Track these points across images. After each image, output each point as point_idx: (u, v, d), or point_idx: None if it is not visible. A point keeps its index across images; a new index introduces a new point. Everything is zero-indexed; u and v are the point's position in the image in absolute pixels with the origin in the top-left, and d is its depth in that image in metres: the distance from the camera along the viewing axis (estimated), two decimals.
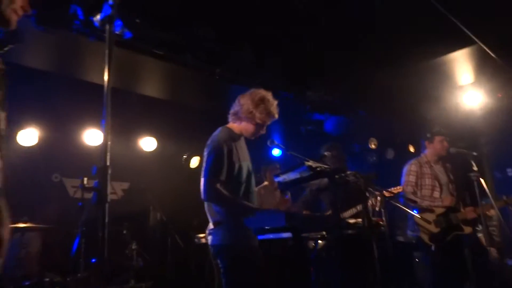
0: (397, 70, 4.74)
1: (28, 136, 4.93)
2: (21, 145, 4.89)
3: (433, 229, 3.91)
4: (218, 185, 2.58)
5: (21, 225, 3.93)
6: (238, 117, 2.79)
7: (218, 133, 2.76)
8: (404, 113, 5.75)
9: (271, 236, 2.95)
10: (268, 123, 2.80)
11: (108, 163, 1.49)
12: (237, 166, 2.68)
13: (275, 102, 2.78)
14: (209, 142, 2.75)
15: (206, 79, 4.46)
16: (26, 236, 4.13)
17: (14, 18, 1.60)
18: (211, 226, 2.71)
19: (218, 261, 2.66)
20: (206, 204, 2.73)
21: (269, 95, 2.77)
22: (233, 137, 2.78)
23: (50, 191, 5.23)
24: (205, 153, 2.73)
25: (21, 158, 4.69)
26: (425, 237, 3.92)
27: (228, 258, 2.62)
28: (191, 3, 3.55)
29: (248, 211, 2.61)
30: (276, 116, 2.79)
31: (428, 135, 4.25)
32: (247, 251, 2.60)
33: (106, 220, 1.44)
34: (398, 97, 5.27)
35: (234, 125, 2.84)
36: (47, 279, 3.90)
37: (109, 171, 1.48)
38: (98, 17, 1.78)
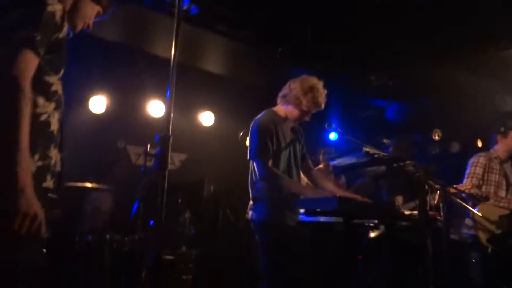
0: (468, 60, 4.44)
1: (98, 104, 5.24)
2: (91, 112, 5.23)
3: (494, 229, 3.67)
4: (270, 163, 2.64)
5: (88, 184, 4.24)
6: (286, 100, 2.87)
7: (262, 115, 2.86)
8: (474, 104, 5.38)
9: (321, 219, 2.95)
10: (313, 111, 2.86)
11: (170, 133, 1.56)
12: (279, 147, 2.76)
13: (324, 92, 2.82)
14: (252, 123, 2.84)
15: (267, 58, 4.47)
16: (93, 195, 4.46)
17: (79, 27, 1.76)
18: (251, 201, 2.83)
19: (256, 236, 2.78)
20: (249, 180, 2.84)
21: (319, 84, 2.82)
22: (276, 119, 2.85)
23: (115, 156, 5.56)
24: (250, 134, 2.82)
25: (90, 124, 5.02)
26: (483, 238, 3.69)
27: (262, 234, 2.75)
28: None
29: (297, 191, 2.66)
30: (323, 106, 2.84)
31: (502, 129, 3.94)
32: (281, 230, 2.68)
33: (166, 186, 1.53)
34: (467, 87, 4.94)
35: (280, 108, 2.92)
36: (108, 236, 4.19)
37: (171, 140, 1.55)
38: None
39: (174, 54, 1.72)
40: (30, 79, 1.39)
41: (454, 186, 3.42)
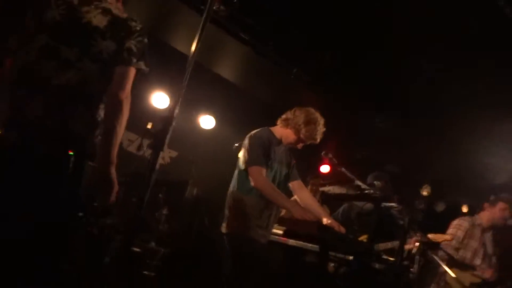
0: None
1: None
2: None
3: None
4: (264, 172, 2.67)
5: None
6: (286, 124, 2.97)
7: (259, 130, 2.95)
8: (469, 173, 5.44)
9: (298, 242, 2.93)
10: (308, 143, 2.97)
11: (174, 116, 1.56)
12: (270, 165, 2.85)
13: (323, 129, 2.96)
14: (249, 136, 2.92)
15: (281, 76, 4.51)
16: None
17: None
18: (226, 213, 2.88)
19: (226, 246, 2.82)
20: (230, 192, 2.90)
21: (322, 120, 2.96)
22: (272, 139, 2.93)
23: None
24: (246, 146, 2.88)
25: None
26: None
27: (230, 245, 2.79)
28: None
29: (286, 206, 2.72)
30: (318, 140, 2.96)
31: (492, 197, 3.98)
32: (249, 244, 2.72)
33: (157, 164, 1.51)
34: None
35: (278, 129, 3.01)
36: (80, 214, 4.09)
37: (172, 126, 1.55)
38: None
39: (194, 52, 1.73)
40: None
41: (433, 235, 3.42)
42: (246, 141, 2.92)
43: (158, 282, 4.43)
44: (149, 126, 1.84)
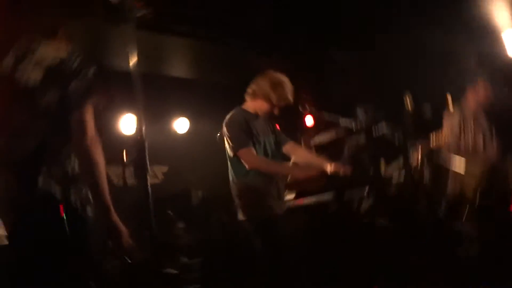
0: None
1: None
2: None
3: (477, 184, 3.71)
4: (254, 152, 2.66)
5: None
6: (254, 96, 2.91)
7: (232, 114, 2.91)
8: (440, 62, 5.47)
9: (313, 199, 2.97)
10: (282, 106, 2.90)
11: (144, 137, 1.52)
12: (255, 142, 2.82)
13: (292, 88, 2.89)
14: (224, 123, 2.89)
15: (232, 54, 4.43)
16: None
17: None
18: (236, 201, 2.88)
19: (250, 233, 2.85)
20: (231, 182, 2.90)
21: (287, 80, 2.89)
22: (247, 116, 2.89)
23: None
24: (226, 133, 2.86)
25: None
26: (469, 190, 3.74)
27: (253, 230, 2.81)
28: None
29: (286, 173, 2.68)
30: (291, 101, 2.89)
31: (471, 80, 4.01)
32: (269, 223, 2.74)
33: (150, 192, 1.49)
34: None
35: (249, 104, 2.97)
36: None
37: (146, 145, 1.51)
38: None
39: (135, 66, 1.69)
40: None
41: (433, 138, 3.43)
42: (224, 129, 2.90)
43: None
44: (124, 155, 1.79)
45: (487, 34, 5.02)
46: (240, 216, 2.87)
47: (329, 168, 2.73)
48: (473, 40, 5.08)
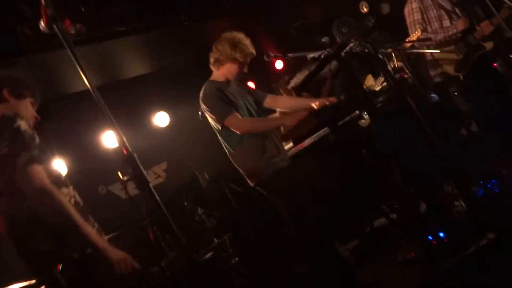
0: None
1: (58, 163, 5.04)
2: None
3: (455, 58, 3.76)
4: (239, 116, 2.66)
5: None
6: (220, 63, 2.90)
7: (204, 89, 2.90)
8: None
9: (312, 139, 2.99)
10: (248, 61, 2.91)
11: (130, 150, 1.51)
12: (236, 107, 2.83)
13: (249, 40, 2.90)
14: (201, 99, 2.89)
15: (177, 32, 4.31)
16: None
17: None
18: (241, 172, 2.92)
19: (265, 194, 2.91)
20: (227, 152, 2.92)
21: (242, 35, 2.89)
22: (219, 85, 2.89)
23: (104, 202, 5.45)
24: (205, 109, 2.86)
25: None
26: (450, 70, 3.78)
27: (266, 191, 2.87)
28: None
29: (277, 125, 2.71)
30: (254, 53, 2.90)
31: None
32: (279, 179, 2.78)
33: (157, 198, 1.50)
34: None
35: (217, 74, 2.96)
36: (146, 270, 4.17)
37: (135, 156, 1.51)
38: (42, 23, 1.70)
39: (89, 82, 1.65)
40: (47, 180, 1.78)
41: (405, 40, 3.44)
42: (203, 106, 2.89)
43: (250, 262, 4.60)
44: (120, 176, 1.77)
45: None
46: (251, 184, 2.90)
47: (315, 104, 2.73)
48: None
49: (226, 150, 2.95)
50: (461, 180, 2.82)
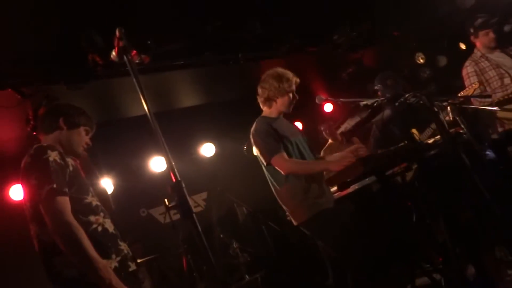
0: None
1: (105, 182, 5.25)
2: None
3: None
4: (286, 156, 2.68)
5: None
6: (270, 100, 2.97)
7: (255, 124, 2.96)
8: (440, 13, 5.35)
9: (356, 186, 2.93)
10: (295, 89, 2.97)
11: (178, 178, 1.56)
12: (287, 143, 2.84)
13: (294, 76, 2.98)
14: (251, 135, 2.95)
15: (232, 69, 4.49)
16: (140, 270, 4.46)
17: (80, 151, 2.19)
18: (285, 209, 2.90)
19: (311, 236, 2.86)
20: (273, 189, 2.92)
21: (280, 68, 2.99)
22: (270, 122, 2.93)
23: (144, 224, 5.57)
24: (254, 145, 2.91)
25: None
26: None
27: (313, 232, 2.82)
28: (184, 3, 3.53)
29: (322, 169, 2.76)
30: (298, 81, 2.97)
31: (472, 30, 3.92)
32: (325, 219, 2.73)
33: (199, 228, 1.52)
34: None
35: (268, 110, 3.02)
36: None
37: (183, 184, 1.55)
38: (114, 53, 1.84)
39: (148, 107, 1.73)
40: (70, 212, 1.86)
41: (460, 93, 3.36)
42: (252, 140, 2.94)
43: None
44: (166, 202, 1.80)
45: None
46: (294, 222, 2.86)
47: (362, 151, 2.70)
48: None
49: (272, 187, 2.95)
50: None
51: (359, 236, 2.72)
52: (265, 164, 2.87)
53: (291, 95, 2.95)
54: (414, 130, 3.94)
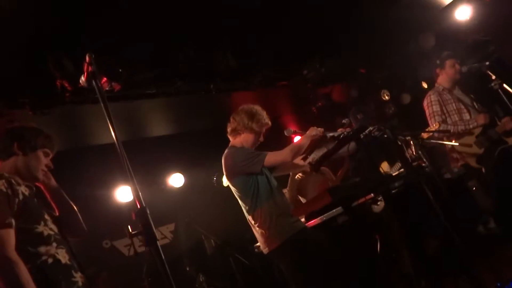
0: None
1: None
2: None
3: (477, 151, 3.78)
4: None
5: None
6: (237, 132, 3.05)
7: (228, 151, 3.02)
8: (404, 54, 5.66)
9: (324, 217, 2.95)
10: (264, 131, 3.06)
11: (143, 204, 1.53)
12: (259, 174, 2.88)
13: (265, 112, 3.08)
14: (224, 158, 2.98)
15: (203, 99, 4.52)
16: None
17: (40, 176, 2.08)
18: (260, 234, 2.84)
19: (280, 265, 2.84)
20: (250, 219, 2.90)
21: (258, 107, 3.08)
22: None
23: (106, 257, 5.34)
24: (232, 165, 2.90)
25: None
26: (472, 162, 3.80)
27: (287, 256, 2.76)
28: (157, 32, 3.57)
29: (302, 145, 2.92)
30: (270, 123, 3.08)
31: (438, 61, 4.11)
32: (303, 238, 2.73)
33: (163, 256, 1.48)
34: (390, 40, 5.19)
35: (235, 141, 3.08)
36: None
37: (148, 211, 1.52)
38: (83, 78, 1.83)
39: (116, 136, 1.72)
40: (12, 246, 1.74)
41: (424, 130, 3.51)
42: (225, 162, 2.95)
43: None
44: (130, 229, 1.74)
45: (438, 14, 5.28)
46: (267, 249, 2.82)
47: (318, 130, 2.89)
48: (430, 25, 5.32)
49: (247, 215, 2.92)
50: (477, 278, 2.69)
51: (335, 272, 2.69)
52: (257, 170, 2.85)
53: (256, 136, 3.03)
54: (384, 164, 4.07)
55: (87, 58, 1.76)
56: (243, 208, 2.97)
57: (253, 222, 2.88)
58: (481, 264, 3.17)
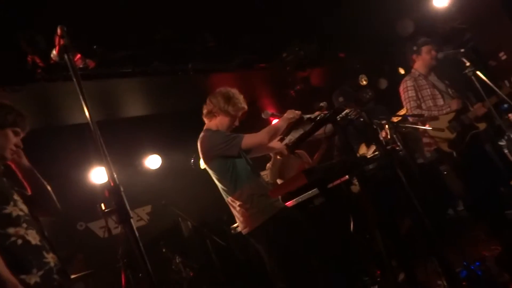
0: None
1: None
2: None
3: (449, 135, 3.88)
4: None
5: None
6: (212, 115, 3.02)
7: (204, 133, 2.99)
8: (383, 39, 5.71)
9: (299, 199, 2.99)
10: (239, 115, 3.04)
11: (117, 182, 1.51)
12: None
13: (242, 96, 3.04)
14: (200, 141, 2.95)
15: (181, 80, 4.46)
16: (77, 285, 4.20)
17: (8, 155, 2.01)
18: (238, 213, 2.85)
19: (258, 245, 2.83)
20: (229, 200, 2.90)
21: (235, 91, 3.04)
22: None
23: (81, 239, 5.29)
24: (209, 146, 2.87)
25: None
26: (444, 147, 3.90)
27: (267, 236, 2.76)
28: (135, 11, 3.48)
29: (281, 127, 2.93)
30: (246, 108, 3.04)
31: (415, 48, 4.14)
32: (283, 217, 2.77)
33: (137, 234, 1.47)
34: (369, 26, 5.22)
35: (210, 123, 3.05)
36: None
37: (121, 188, 1.50)
38: (54, 52, 1.77)
39: (90, 115, 1.67)
40: None
41: (397, 114, 3.57)
42: (202, 145, 2.92)
43: None
44: (102, 207, 1.70)
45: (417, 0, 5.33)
46: (247, 229, 2.83)
47: (295, 113, 2.90)
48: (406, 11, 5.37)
49: (226, 197, 2.92)
50: (445, 259, 2.79)
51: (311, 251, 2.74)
52: (234, 154, 2.83)
53: (232, 119, 3.01)
54: (362, 146, 4.13)
55: (58, 31, 1.69)
56: (221, 190, 2.96)
57: (233, 203, 2.89)
58: (450, 245, 3.29)
